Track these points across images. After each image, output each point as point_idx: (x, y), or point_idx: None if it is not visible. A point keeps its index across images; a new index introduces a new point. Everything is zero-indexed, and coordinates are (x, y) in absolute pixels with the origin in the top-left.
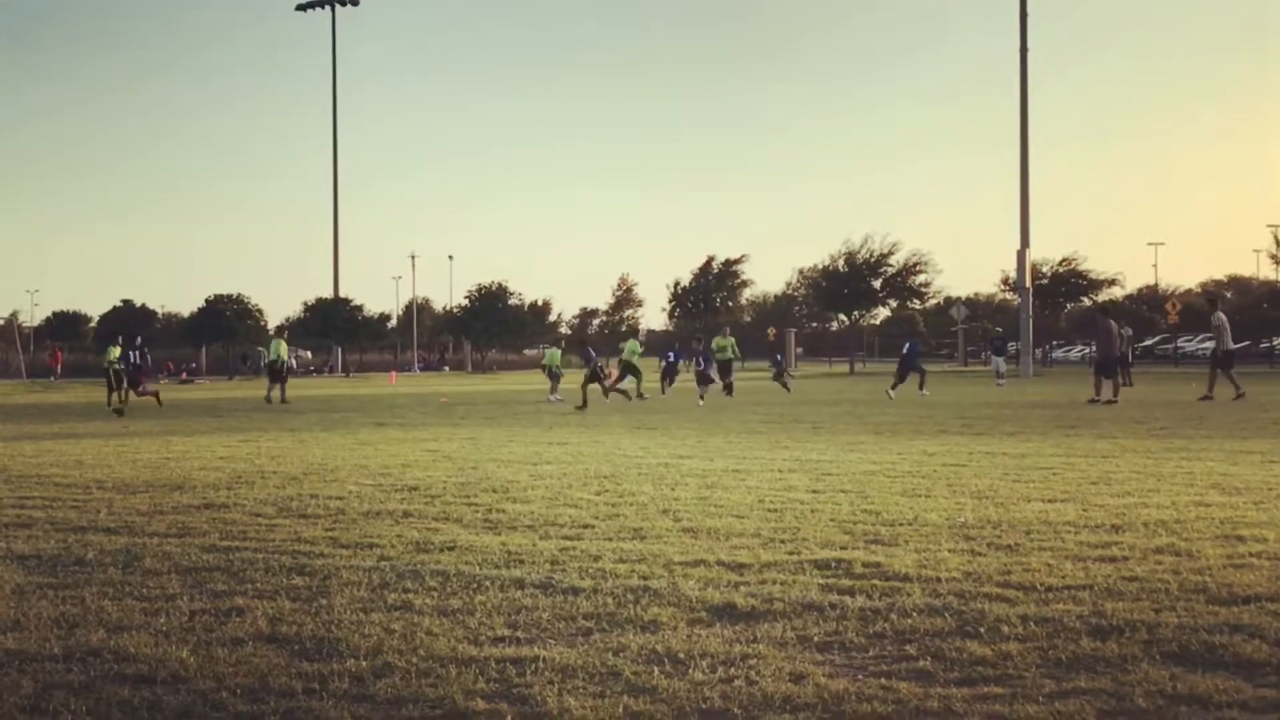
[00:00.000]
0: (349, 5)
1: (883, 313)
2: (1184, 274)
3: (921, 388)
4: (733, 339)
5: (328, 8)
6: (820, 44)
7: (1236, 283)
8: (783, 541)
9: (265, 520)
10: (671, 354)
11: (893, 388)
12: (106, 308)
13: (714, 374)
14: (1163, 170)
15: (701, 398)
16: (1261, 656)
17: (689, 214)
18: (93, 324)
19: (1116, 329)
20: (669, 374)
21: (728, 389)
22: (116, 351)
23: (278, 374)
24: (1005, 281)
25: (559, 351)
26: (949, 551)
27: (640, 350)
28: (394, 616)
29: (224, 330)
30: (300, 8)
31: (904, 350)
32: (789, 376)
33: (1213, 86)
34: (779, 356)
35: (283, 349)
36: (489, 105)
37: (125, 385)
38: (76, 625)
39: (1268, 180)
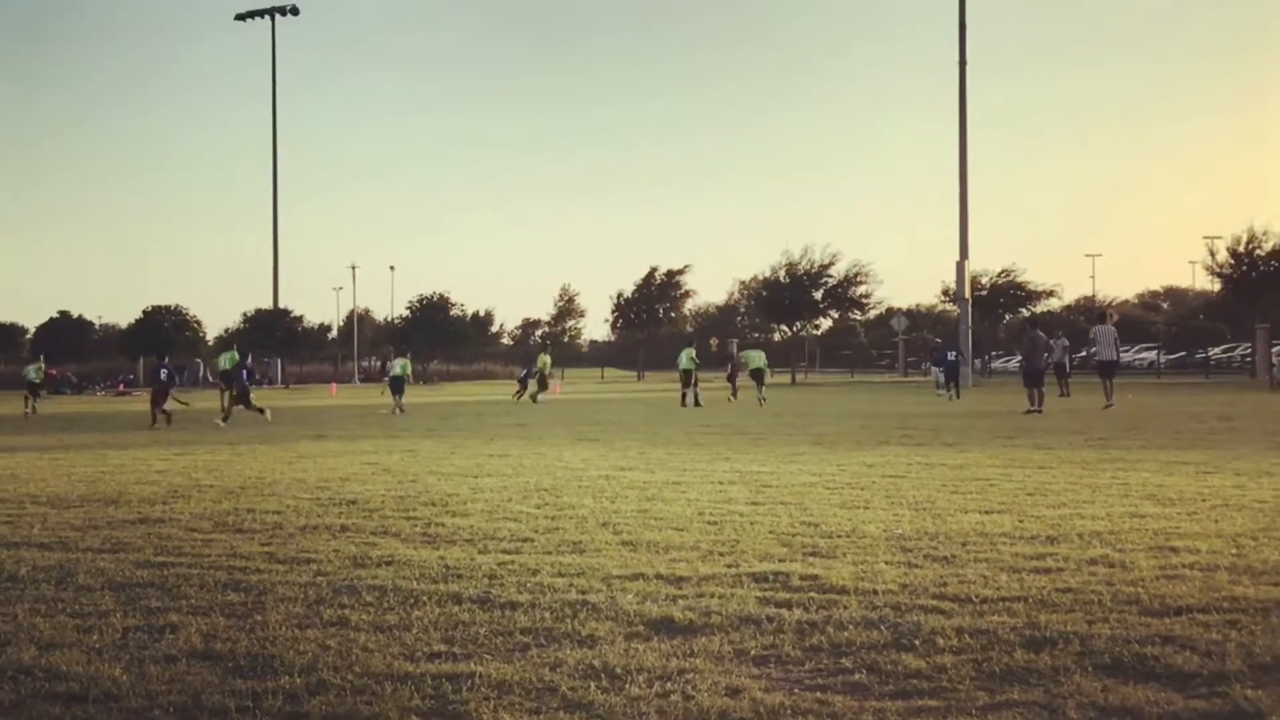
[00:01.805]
0: (288, 15)
1: (825, 323)
2: (1121, 285)
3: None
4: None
5: (267, 18)
6: (758, 54)
7: (1173, 294)
8: (721, 554)
9: (201, 535)
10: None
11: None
12: (43, 319)
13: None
14: (1100, 182)
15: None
16: (1193, 668)
17: (632, 225)
18: (29, 335)
19: (1045, 340)
20: (524, 382)
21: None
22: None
23: (230, 383)
24: (945, 292)
25: (407, 361)
26: (886, 564)
27: (696, 358)
28: (329, 633)
29: (162, 342)
30: (239, 17)
31: (951, 357)
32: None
33: (1149, 99)
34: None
35: (235, 359)
36: (430, 116)
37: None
38: (7, 643)
39: (1204, 192)
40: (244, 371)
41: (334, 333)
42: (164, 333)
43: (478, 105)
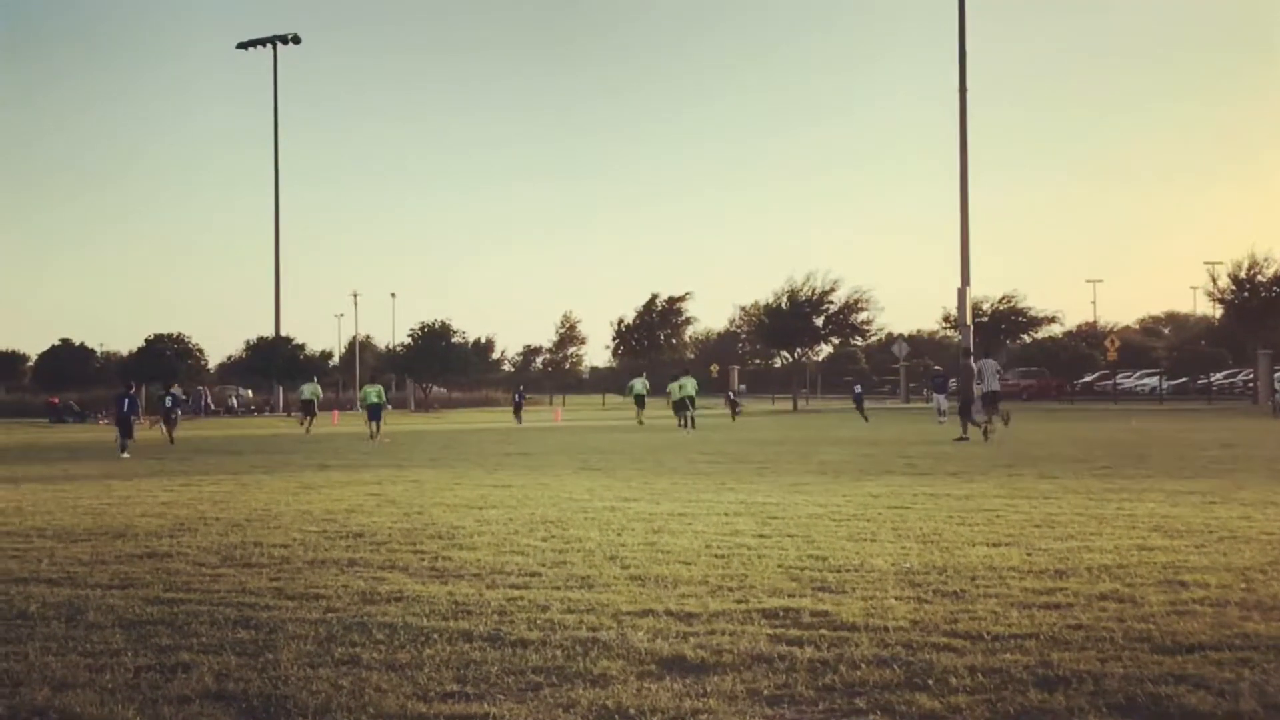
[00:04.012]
0: (290, 44)
1: (825, 349)
2: (1123, 311)
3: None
4: (379, 386)
5: (269, 46)
6: (760, 81)
7: (1174, 319)
8: (730, 589)
9: (209, 570)
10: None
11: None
12: (45, 346)
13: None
14: (1102, 208)
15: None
16: (1207, 708)
17: (633, 252)
18: (31, 363)
19: (977, 370)
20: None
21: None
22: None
23: (310, 411)
24: (946, 319)
25: (380, 389)
26: (896, 599)
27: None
28: (342, 672)
29: (164, 370)
30: (241, 45)
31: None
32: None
33: (1150, 125)
34: (730, 394)
35: (317, 390)
36: (430, 143)
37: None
38: (20, 683)
39: (1205, 218)
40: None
41: (335, 360)
42: (166, 361)
43: (479, 133)
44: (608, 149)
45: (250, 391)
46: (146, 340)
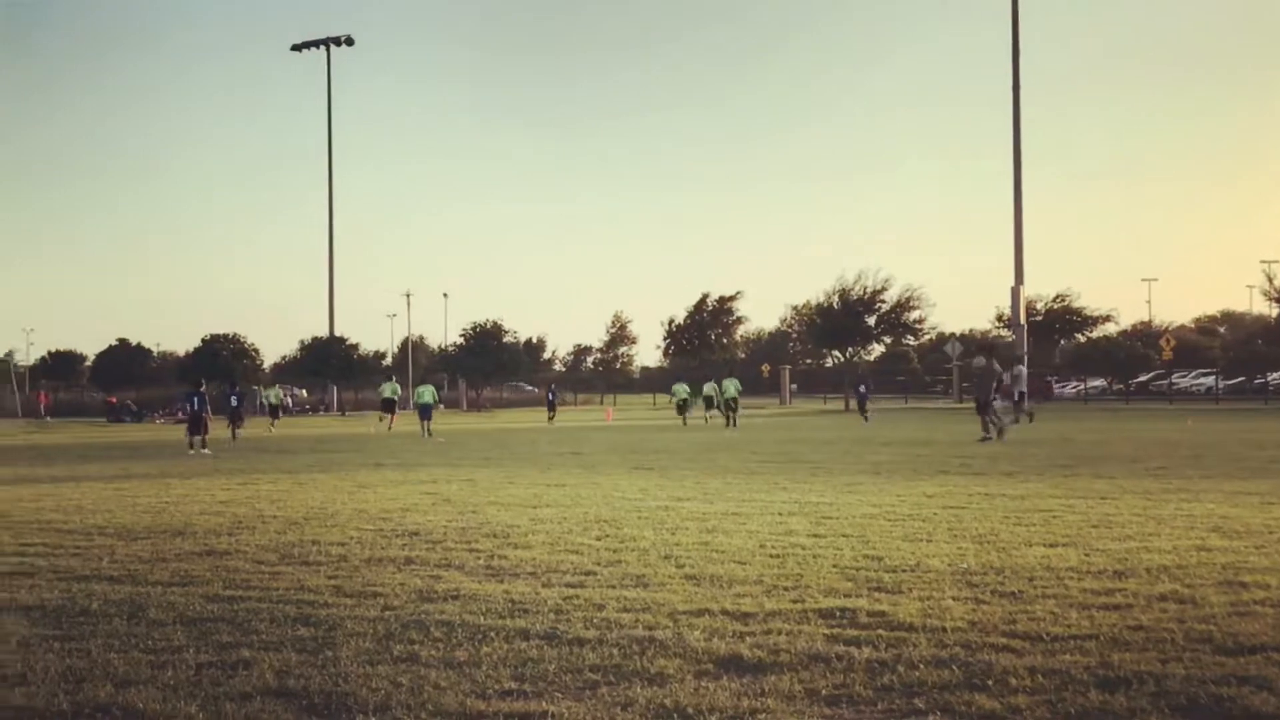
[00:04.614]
0: (344, 45)
1: (877, 349)
2: (1178, 310)
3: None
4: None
5: (323, 48)
6: (812, 79)
7: (1230, 318)
8: (786, 589)
9: (268, 568)
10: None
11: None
12: (102, 347)
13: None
14: (1156, 207)
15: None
16: (1270, 709)
17: (684, 251)
18: (89, 363)
19: (998, 370)
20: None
21: None
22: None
23: (392, 409)
24: (1000, 318)
25: (433, 389)
26: (953, 599)
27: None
28: (401, 669)
29: (220, 370)
30: (296, 48)
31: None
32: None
33: (1205, 122)
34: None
35: (397, 389)
36: (483, 144)
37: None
38: (84, 679)
39: (1261, 216)
40: (234, 398)
41: (388, 360)
42: (222, 361)
43: (530, 133)
44: (661, 147)
45: (304, 391)
46: (203, 340)
